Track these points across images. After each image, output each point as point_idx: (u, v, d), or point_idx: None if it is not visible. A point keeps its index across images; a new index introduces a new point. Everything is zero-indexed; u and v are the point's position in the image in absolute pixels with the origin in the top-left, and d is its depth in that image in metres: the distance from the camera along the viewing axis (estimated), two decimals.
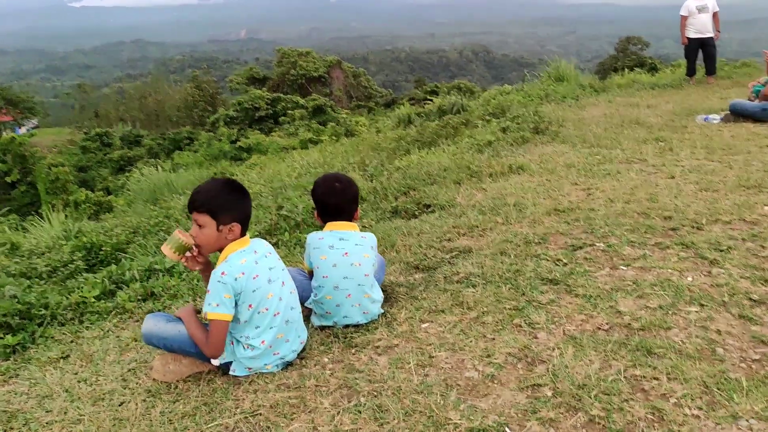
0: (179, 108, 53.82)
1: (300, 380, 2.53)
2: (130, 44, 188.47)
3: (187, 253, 2.60)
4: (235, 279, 2.47)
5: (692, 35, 12.29)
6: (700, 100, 10.08)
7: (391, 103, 50.31)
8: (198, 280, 3.81)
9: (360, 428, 2.17)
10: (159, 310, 3.45)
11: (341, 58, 60.49)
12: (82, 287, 3.87)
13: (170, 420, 2.33)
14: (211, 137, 36.65)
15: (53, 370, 2.86)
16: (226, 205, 2.55)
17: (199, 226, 2.55)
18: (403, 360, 2.59)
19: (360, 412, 2.26)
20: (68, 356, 3.01)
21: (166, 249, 2.58)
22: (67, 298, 3.73)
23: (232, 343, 2.58)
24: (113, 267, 4.17)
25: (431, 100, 25.05)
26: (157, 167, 19.41)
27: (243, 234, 2.61)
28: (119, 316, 3.51)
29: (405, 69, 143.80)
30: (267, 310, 2.55)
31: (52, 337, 3.35)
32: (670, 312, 2.81)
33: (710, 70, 12.76)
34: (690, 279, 3.14)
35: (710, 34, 12.20)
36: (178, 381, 2.62)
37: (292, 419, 2.27)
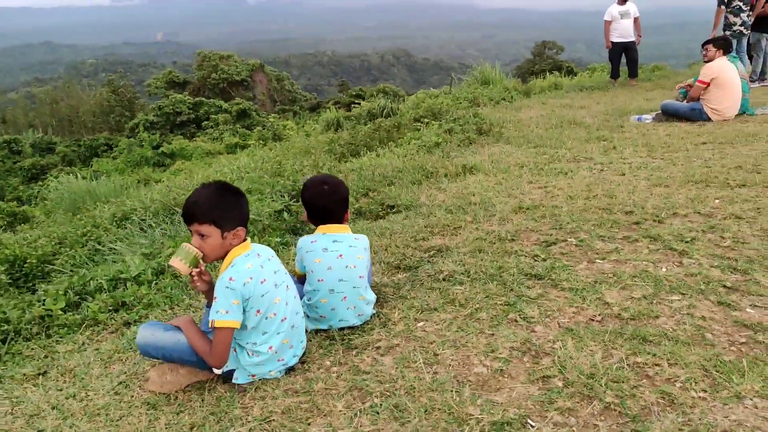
0: (95, 113, 51.70)
1: (307, 385, 2.48)
2: (39, 46, 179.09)
3: (197, 268, 2.51)
4: (244, 284, 2.41)
5: (616, 39, 12.84)
6: (627, 101, 10.55)
7: (315, 107, 50.16)
8: (177, 287, 3.67)
9: (381, 429, 2.16)
10: (136, 320, 3.31)
11: (262, 61, 59.77)
12: (43, 299, 3.66)
13: None
14: (131, 143, 35.41)
15: (34, 388, 2.69)
16: (227, 210, 2.48)
17: (202, 236, 2.46)
18: (408, 359, 2.59)
19: (378, 413, 2.24)
20: (46, 372, 2.83)
21: (178, 263, 2.47)
22: (28, 311, 3.51)
23: (235, 350, 2.51)
24: (74, 277, 3.96)
25: (358, 104, 25.15)
26: (75, 175, 18.53)
27: (245, 237, 2.55)
28: (91, 329, 3.33)
29: (328, 73, 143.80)
30: (275, 315, 2.50)
31: (19, 353, 3.15)
32: (654, 301, 2.93)
33: (632, 73, 13.40)
34: (664, 270, 3.28)
35: (632, 39, 12.81)
36: (177, 392, 2.52)
37: (308, 424, 2.23)
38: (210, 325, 2.42)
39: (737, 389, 2.21)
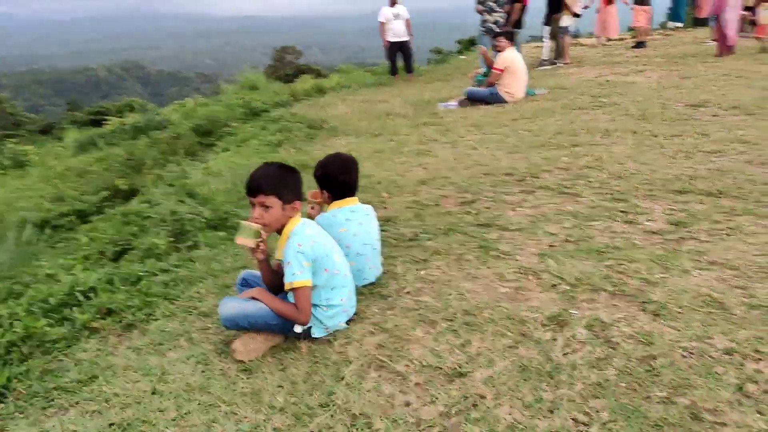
0: None
1: (378, 326, 2.89)
2: None
3: (260, 237, 2.76)
4: (311, 247, 2.75)
5: (391, 39, 14.17)
6: (418, 93, 11.74)
7: (48, 129, 45.89)
8: (185, 281, 3.68)
9: (469, 339, 2.68)
10: (142, 320, 3.33)
11: None
12: (12, 322, 3.43)
13: (303, 380, 2.53)
14: None
15: (107, 385, 2.68)
16: (288, 184, 2.79)
17: (266, 207, 2.74)
18: (442, 294, 3.12)
19: (455, 330, 2.76)
20: (97, 376, 2.81)
21: (243, 240, 2.72)
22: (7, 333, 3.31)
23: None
24: (23, 299, 3.71)
25: (105, 121, 23.99)
26: None
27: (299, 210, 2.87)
28: (93, 337, 3.27)
29: (49, 92, 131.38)
30: (339, 271, 2.86)
31: (27, 371, 3.00)
32: (583, 227, 3.82)
33: (409, 69, 14.88)
34: (570, 207, 4.21)
35: (406, 38, 14.23)
36: (263, 357, 2.76)
37: (407, 350, 2.66)
38: (288, 287, 2.72)
39: (682, 268, 3.15)
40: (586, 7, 15.86)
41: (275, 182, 2.76)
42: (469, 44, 29.36)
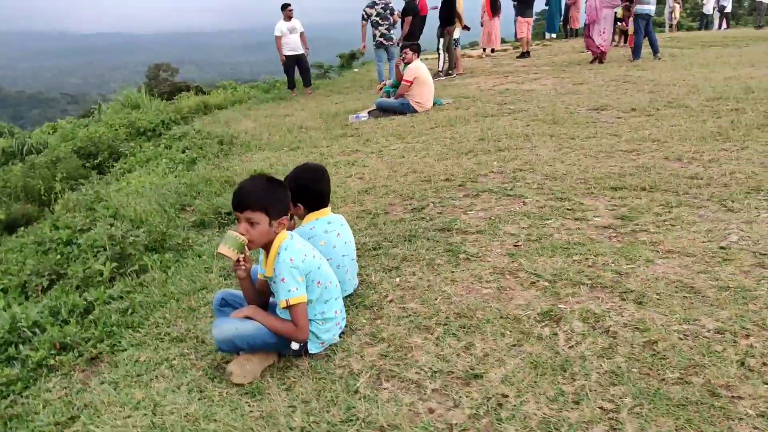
0: None
1: (373, 337, 2.84)
2: None
3: (243, 254, 2.64)
4: (303, 261, 2.66)
5: (288, 53, 14.04)
6: (320, 106, 11.73)
7: None
8: (133, 311, 3.39)
9: (471, 341, 2.70)
10: (108, 351, 3.07)
11: None
12: None
13: (315, 398, 2.43)
14: None
15: (92, 426, 2.44)
16: (276, 200, 2.68)
17: (252, 223, 2.61)
18: (427, 299, 3.12)
19: (454, 334, 2.77)
20: (77, 416, 2.55)
21: (226, 250, 2.58)
22: None
23: None
24: None
25: None
26: None
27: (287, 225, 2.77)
28: (53, 374, 2.97)
29: None
30: (331, 283, 2.79)
31: None
32: (539, 227, 3.95)
33: (307, 82, 14.81)
34: (518, 208, 4.35)
35: (302, 52, 14.16)
36: (262, 378, 2.63)
37: (411, 357, 2.64)
38: (285, 305, 2.61)
39: (645, 258, 3.33)
40: (481, 23, 16.61)
41: (263, 198, 2.64)
42: (350, 58, 29.79)
